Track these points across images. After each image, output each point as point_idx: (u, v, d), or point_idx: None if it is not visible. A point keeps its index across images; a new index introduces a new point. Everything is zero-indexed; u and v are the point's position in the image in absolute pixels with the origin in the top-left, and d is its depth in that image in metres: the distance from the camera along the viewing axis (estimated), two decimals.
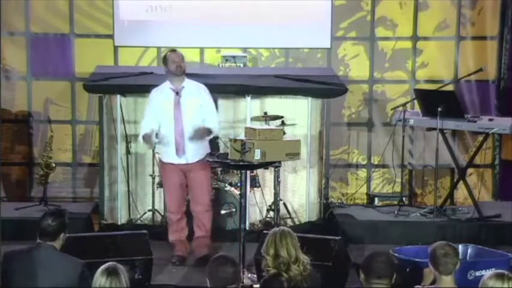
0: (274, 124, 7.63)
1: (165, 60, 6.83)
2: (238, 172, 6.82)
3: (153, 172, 7.90)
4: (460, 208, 8.16)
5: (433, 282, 4.77)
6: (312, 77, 8.19)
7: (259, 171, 7.99)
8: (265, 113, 7.82)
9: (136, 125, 8.08)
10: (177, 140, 6.70)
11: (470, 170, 8.64)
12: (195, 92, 6.80)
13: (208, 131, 6.71)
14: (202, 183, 6.82)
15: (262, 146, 6.10)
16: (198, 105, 6.76)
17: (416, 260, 5.76)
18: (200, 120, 6.74)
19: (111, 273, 4.07)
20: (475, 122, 7.74)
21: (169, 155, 6.78)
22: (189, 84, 6.81)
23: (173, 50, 6.92)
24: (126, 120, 8.07)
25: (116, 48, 8.97)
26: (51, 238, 4.65)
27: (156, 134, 6.69)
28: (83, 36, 8.97)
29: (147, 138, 6.72)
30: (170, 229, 6.94)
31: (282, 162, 7.67)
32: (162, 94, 6.81)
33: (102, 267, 4.13)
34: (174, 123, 6.70)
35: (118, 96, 7.97)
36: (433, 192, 8.56)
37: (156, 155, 7.44)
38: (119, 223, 8.00)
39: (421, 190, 9.12)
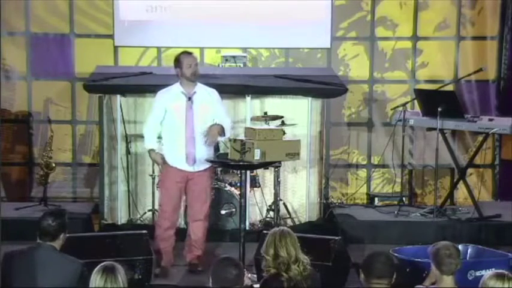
0: (274, 124, 7.63)
1: (178, 62, 6.47)
2: (238, 172, 6.81)
3: (153, 172, 7.89)
4: (460, 208, 8.16)
5: (435, 281, 4.77)
6: (312, 77, 8.19)
7: (259, 171, 7.99)
8: (265, 113, 7.82)
9: (136, 125, 8.09)
10: (188, 147, 6.43)
11: (470, 170, 8.63)
12: (207, 98, 6.53)
13: (222, 130, 6.44)
14: (202, 191, 6.58)
15: (261, 146, 6.10)
16: (209, 113, 6.52)
17: (416, 260, 5.76)
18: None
19: (108, 272, 4.06)
20: (475, 122, 7.74)
21: (177, 161, 6.50)
22: (201, 90, 6.53)
23: (188, 53, 6.58)
24: (126, 120, 8.07)
25: (116, 48, 8.97)
26: (51, 238, 4.65)
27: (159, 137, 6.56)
28: (83, 36, 8.97)
29: (156, 159, 6.57)
30: (157, 236, 6.57)
31: (282, 162, 7.67)
32: (172, 97, 6.49)
33: (99, 265, 4.12)
34: (184, 129, 6.43)
35: (118, 96, 7.97)
36: (433, 192, 8.56)
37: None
38: (119, 223, 8.00)
39: (421, 190, 9.12)
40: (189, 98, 6.47)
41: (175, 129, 6.48)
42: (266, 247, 4.67)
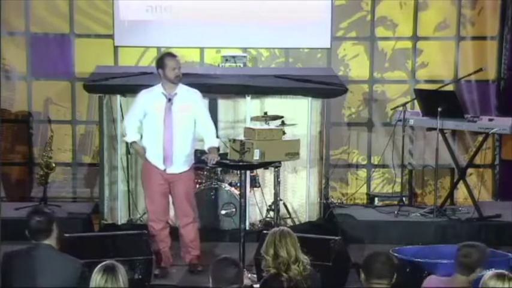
0: (274, 124, 7.63)
1: (161, 64, 6.43)
2: (238, 172, 6.81)
3: None
4: (460, 208, 8.16)
5: None
6: (312, 77, 8.19)
7: (259, 171, 7.99)
8: (265, 113, 7.82)
9: None
10: (166, 149, 6.38)
11: (470, 170, 8.63)
12: (188, 99, 6.46)
13: (216, 150, 6.45)
14: (187, 193, 6.52)
15: (261, 146, 6.10)
16: (190, 114, 6.45)
17: (416, 260, 5.77)
18: (191, 130, 6.47)
19: (108, 271, 4.06)
20: (475, 122, 7.75)
21: (156, 162, 6.46)
22: (182, 91, 6.46)
23: (172, 55, 6.52)
24: None
25: (116, 48, 8.97)
26: (46, 234, 4.61)
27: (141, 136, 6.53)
28: (83, 36, 8.97)
29: (138, 151, 6.59)
30: (152, 238, 6.49)
31: (282, 162, 7.66)
32: (152, 98, 6.46)
33: (100, 265, 4.12)
34: (163, 131, 6.37)
35: (118, 96, 7.96)
36: (433, 192, 8.56)
37: None
38: (119, 223, 7.99)
39: (421, 190, 9.12)
40: (169, 99, 6.41)
41: (154, 130, 6.43)
42: (266, 247, 4.67)
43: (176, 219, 6.77)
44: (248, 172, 7.07)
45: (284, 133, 6.98)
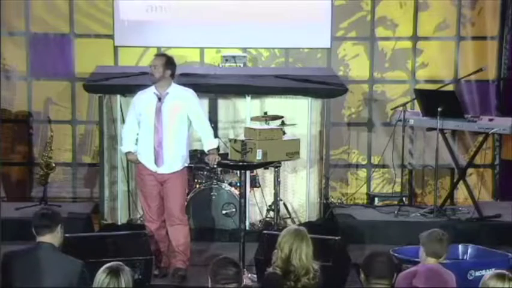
0: (274, 124, 7.62)
1: None
2: (238, 172, 6.81)
3: None
4: (460, 208, 8.16)
5: None
6: (312, 77, 8.19)
7: (259, 171, 7.99)
8: (265, 113, 7.82)
9: None
10: (156, 149, 6.37)
11: (470, 170, 8.63)
12: (180, 98, 6.41)
13: (216, 151, 6.47)
14: (175, 193, 6.45)
15: (263, 146, 6.11)
16: (182, 113, 6.40)
17: (417, 260, 5.75)
18: (184, 130, 6.45)
19: (111, 272, 4.06)
20: (475, 122, 7.75)
21: (147, 162, 6.47)
22: (174, 90, 6.42)
23: (156, 54, 6.58)
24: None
25: (116, 48, 8.97)
26: (49, 230, 4.61)
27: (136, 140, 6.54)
28: (83, 36, 8.97)
29: (132, 160, 6.64)
30: (151, 239, 6.45)
31: (282, 162, 7.66)
32: (145, 98, 6.46)
33: (106, 265, 4.12)
34: (153, 130, 6.37)
35: (118, 96, 7.96)
36: (433, 192, 8.56)
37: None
38: (119, 223, 7.99)
39: (421, 190, 9.12)
40: (159, 99, 6.38)
41: (146, 131, 6.42)
42: (281, 244, 4.62)
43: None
44: (248, 172, 7.07)
45: (284, 133, 6.99)
